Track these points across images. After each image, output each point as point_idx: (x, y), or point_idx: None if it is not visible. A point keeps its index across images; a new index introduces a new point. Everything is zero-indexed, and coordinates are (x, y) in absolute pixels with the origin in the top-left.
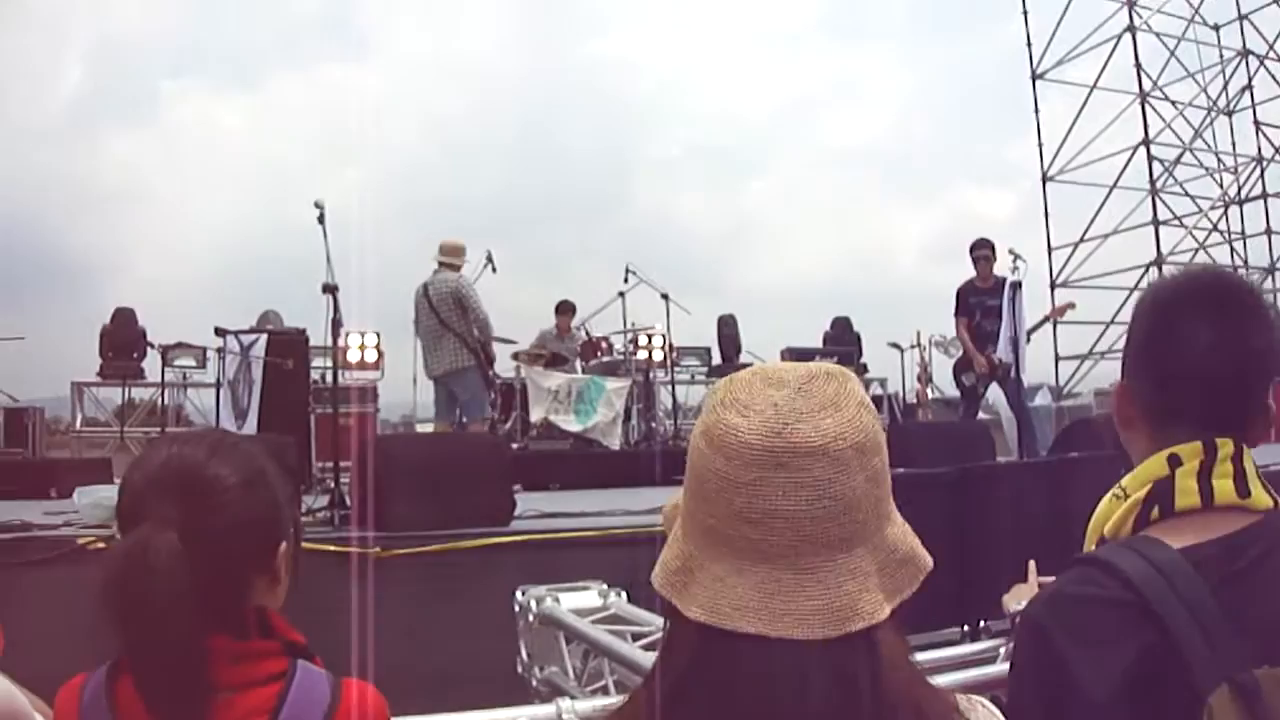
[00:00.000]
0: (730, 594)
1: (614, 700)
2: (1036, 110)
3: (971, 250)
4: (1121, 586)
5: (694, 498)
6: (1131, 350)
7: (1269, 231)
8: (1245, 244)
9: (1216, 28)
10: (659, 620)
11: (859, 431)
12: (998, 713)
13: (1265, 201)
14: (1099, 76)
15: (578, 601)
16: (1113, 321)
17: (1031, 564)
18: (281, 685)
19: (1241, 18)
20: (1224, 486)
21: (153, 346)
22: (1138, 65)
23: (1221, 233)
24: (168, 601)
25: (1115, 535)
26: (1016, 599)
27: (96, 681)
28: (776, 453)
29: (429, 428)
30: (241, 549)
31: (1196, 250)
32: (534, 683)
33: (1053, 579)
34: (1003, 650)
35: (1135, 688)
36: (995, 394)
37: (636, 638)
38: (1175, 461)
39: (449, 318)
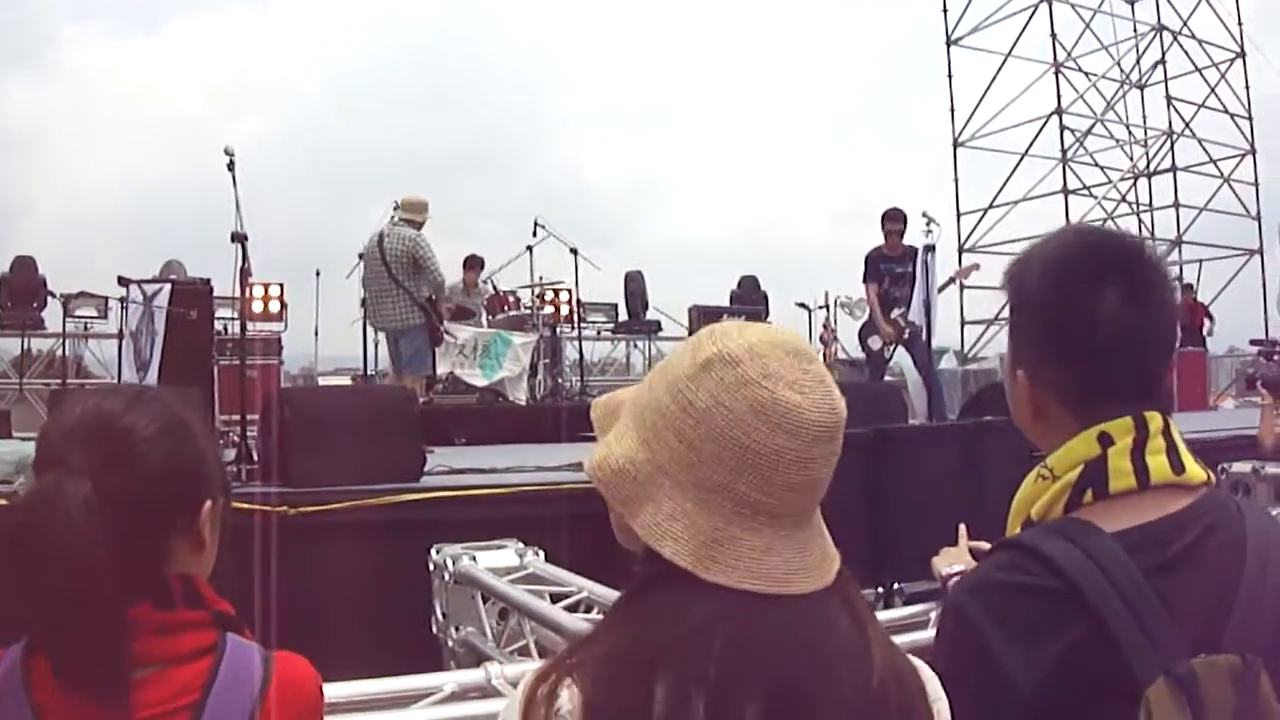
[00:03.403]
0: (780, 561)
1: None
2: (950, 76)
3: (883, 220)
4: (1051, 574)
5: (733, 473)
6: (1032, 332)
7: (1177, 205)
8: (1153, 216)
9: (1132, 2)
10: (579, 580)
11: None
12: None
13: (1174, 175)
14: (1014, 45)
15: (495, 560)
16: None
17: (962, 528)
18: (211, 659)
19: None
20: (1159, 464)
21: (54, 296)
22: (1053, 35)
23: (1130, 204)
24: (79, 554)
25: (1043, 518)
26: (947, 562)
27: (10, 659)
28: (833, 429)
29: (330, 380)
30: (160, 505)
31: (1105, 220)
32: (450, 643)
33: (983, 544)
34: (933, 615)
35: (1067, 680)
36: (902, 357)
37: (556, 598)
38: (1107, 440)
39: (400, 274)
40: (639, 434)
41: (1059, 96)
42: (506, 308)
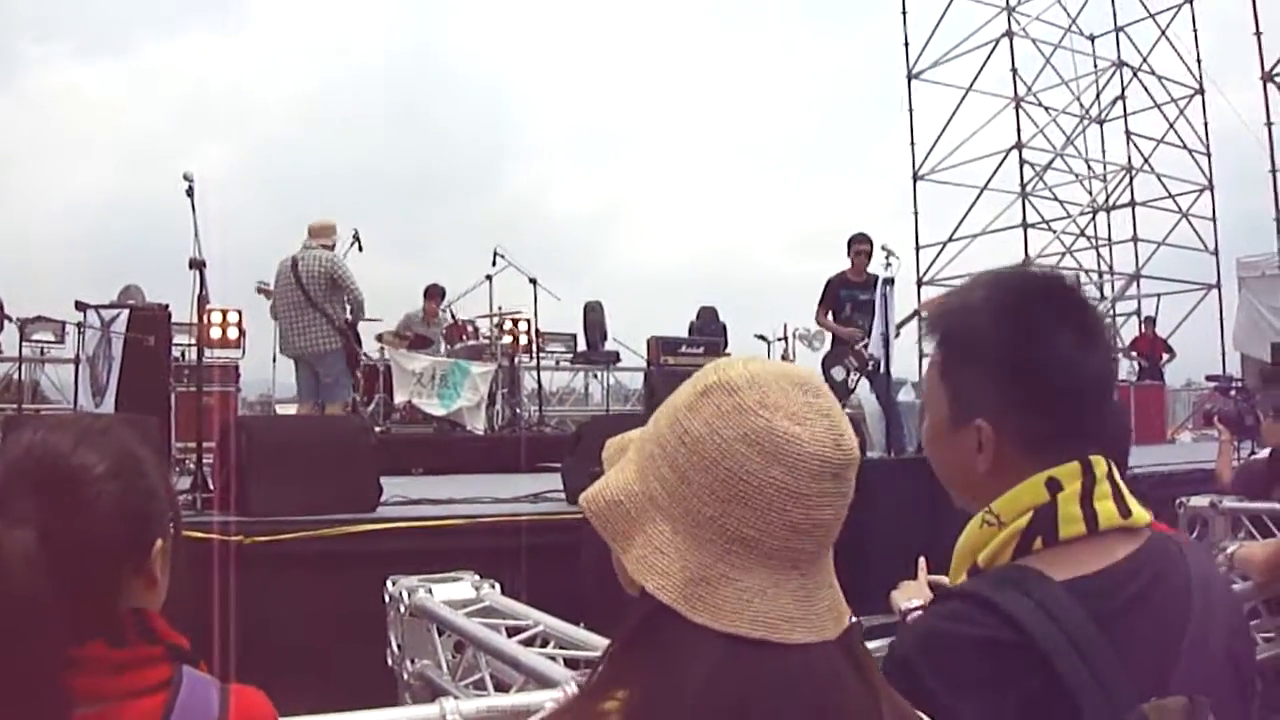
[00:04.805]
0: (773, 606)
1: (497, 699)
2: (910, 109)
3: (850, 243)
4: (1002, 624)
5: (724, 505)
6: (995, 379)
7: (1135, 239)
8: (1111, 250)
9: (1092, 38)
10: (535, 614)
11: None
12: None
13: (1133, 210)
14: (974, 79)
15: (451, 593)
16: None
17: (921, 561)
18: (167, 695)
19: (1118, 29)
20: (1106, 509)
21: (10, 319)
22: (1014, 70)
23: (1089, 238)
24: (18, 607)
25: (990, 565)
26: (906, 596)
27: None
28: (837, 465)
29: (290, 409)
30: (111, 548)
31: (1063, 254)
32: (405, 676)
33: (943, 578)
34: None
35: None
36: (861, 388)
37: (512, 632)
38: (1055, 486)
39: (317, 296)
40: (638, 466)
41: (1019, 131)
42: (465, 337)
